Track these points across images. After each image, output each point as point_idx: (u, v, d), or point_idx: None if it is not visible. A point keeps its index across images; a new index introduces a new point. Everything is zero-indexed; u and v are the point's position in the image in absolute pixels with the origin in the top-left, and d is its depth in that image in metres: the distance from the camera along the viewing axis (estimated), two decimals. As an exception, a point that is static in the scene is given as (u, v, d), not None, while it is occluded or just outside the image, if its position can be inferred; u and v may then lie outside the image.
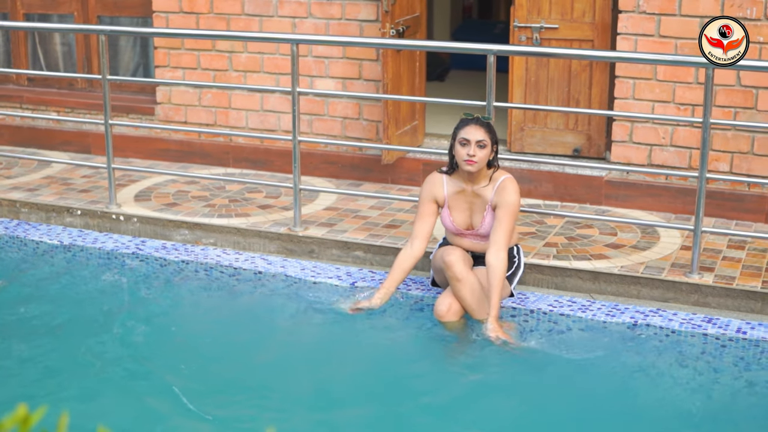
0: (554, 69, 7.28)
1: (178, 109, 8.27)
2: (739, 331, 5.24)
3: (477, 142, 5.30)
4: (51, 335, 5.25)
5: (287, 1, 7.69)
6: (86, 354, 5.00)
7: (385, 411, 4.63)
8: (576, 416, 4.65)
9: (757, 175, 6.70)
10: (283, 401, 4.65)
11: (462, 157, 5.34)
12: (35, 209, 7.16)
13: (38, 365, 4.89)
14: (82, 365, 4.89)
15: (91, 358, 4.96)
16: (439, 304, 5.35)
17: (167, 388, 4.66)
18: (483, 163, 5.34)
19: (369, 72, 7.57)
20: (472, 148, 5.29)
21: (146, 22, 8.40)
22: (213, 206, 7.09)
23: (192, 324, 5.65)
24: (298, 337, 5.36)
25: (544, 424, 4.61)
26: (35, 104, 8.79)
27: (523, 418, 4.65)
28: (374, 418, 4.57)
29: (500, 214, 5.33)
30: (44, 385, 4.69)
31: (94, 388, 4.69)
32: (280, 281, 6.03)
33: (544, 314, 5.49)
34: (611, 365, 5.09)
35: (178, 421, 4.37)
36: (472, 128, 5.33)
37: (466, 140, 5.32)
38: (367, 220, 6.77)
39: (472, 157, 5.29)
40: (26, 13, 8.86)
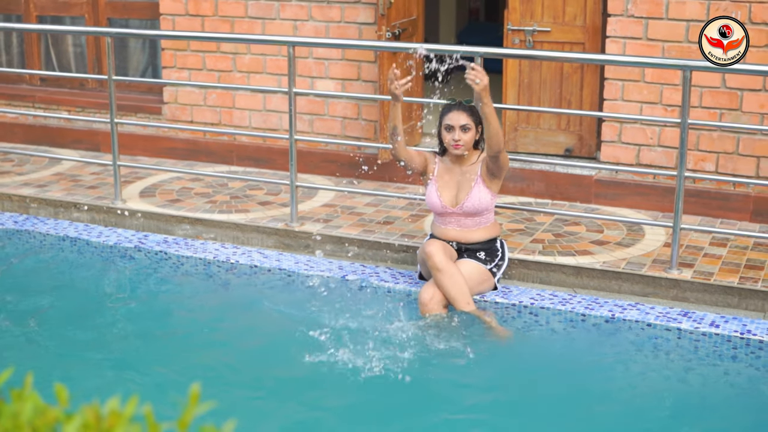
0: (547, 71, 7.48)
1: (184, 109, 8.53)
2: (712, 324, 5.43)
3: (461, 126, 5.59)
4: (50, 320, 5.52)
5: (289, 5, 7.92)
6: (82, 336, 5.28)
7: (371, 394, 4.84)
8: (550, 401, 4.85)
9: (742, 175, 6.88)
10: (269, 384, 4.88)
11: (449, 142, 5.62)
12: (44, 204, 7.42)
13: (38, 345, 5.17)
14: (78, 345, 5.18)
15: (86, 339, 5.24)
16: (422, 294, 5.57)
17: (156, 368, 4.93)
18: (469, 146, 5.65)
19: (367, 73, 7.80)
20: (457, 132, 5.57)
21: (154, 24, 8.66)
22: (214, 202, 7.33)
23: (182, 311, 5.91)
24: (287, 326, 5.58)
25: (520, 408, 4.81)
26: (47, 103, 9.06)
27: (499, 401, 4.86)
28: (361, 399, 4.79)
29: (498, 162, 5.57)
30: (43, 359, 5.00)
31: (92, 365, 4.96)
32: (274, 274, 6.26)
33: (525, 307, 5.70)
34: (587, 355, 5.30)
35: (163, 395, 4.60)
36: (455, 114, 5.60)
37: (450, 126, 5.59)
38: (362, 217, 7.00)
39: (457, 142, 5.60)
40: (39, 15, 9.14)
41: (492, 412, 4.77)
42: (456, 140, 5.60)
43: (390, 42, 7.17)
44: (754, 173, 6.87)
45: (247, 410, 4.57)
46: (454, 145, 5.62)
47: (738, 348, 5.30)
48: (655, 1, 6.87)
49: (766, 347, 5.26)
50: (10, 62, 9.56)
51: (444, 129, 5.66)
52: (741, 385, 5.12)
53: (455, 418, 4.70)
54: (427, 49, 5.78)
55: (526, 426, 4.66)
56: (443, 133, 5.67)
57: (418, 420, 4.66)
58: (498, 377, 5.08)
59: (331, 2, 7.80)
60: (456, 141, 5.61)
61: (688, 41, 6.83)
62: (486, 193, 5.68)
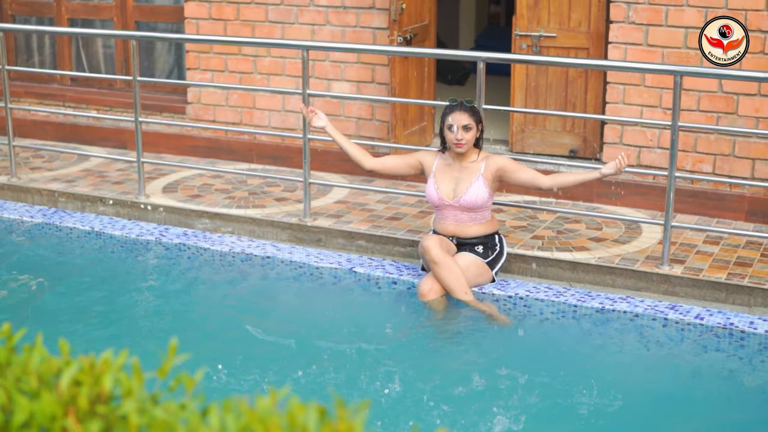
0: (553, 75, 7.78)
1: (207, 109, 8.90)
2: (697, 317, 5.72)
3: (463, 126, 5.93)
4: (76, 306, 5.92)
5: (307, 10, 8.27)
6: (96, 312, 5.73)
7: (369, 370, 5.17)
8: (538, 383, 5.16)
9: (738, 176, 7.15)
10: (273, 358, 5.24)
11: (451, 141, 5.97)
12: (72, 198, 7.81)
13: (53, 318, 5.62)
14: (91, 321, 5.63)
15: (100, 314, 5.69)
16: (421, 285, 5.91)
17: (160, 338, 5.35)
18: (471, 144, 6.01)
19: (381, 76, 8.13)
20: (459, 132, 5.90)
21: (179, 27, 9.04)
22: (233, 198, 7.69)
23: (198, 297, 6.29)
24: (294, 311, 5.95)
25: (515, 392, 5.12)
26: (77, 103, 9.47)
27: (494, 384, 5.17)
28: (360, 375, 5.11)
29: (510, 168, 6.01)
30: (57, 328, 5.46)
31: (103, 336, 5.39)
32: (286, 265, 6.61)
33: (521, 299, 6.01)
34: (576, 343, 5.62)
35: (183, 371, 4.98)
36: (457, 114, 5.94)
37: (452, 125, 5.94)
38: (372, 213, 7.33)
39: (460, 141, 5.95)
40: (70, 18, 9.55)
41: (481, 392, 5.08)
42: (459, 139, 5.93)
43: (400, 47, 7.50)
44: (749, 174, 7.14)
45: (250, 378, 4.94)
46: (457, 144, 5.96)
47: (721, 339, 5.59)
48: (655, 8, 7.16)
49: (747, 338, 5.54)
50: (42, 63, 9.98)
51: (446, 128, 5.99)
52: (722, 373, 5.40)
53: (446, 394, 5.02)
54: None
55: (513, 406, 4.97)
56: (446, 132, 6.01)
57: (410, 393, 4.99)
58: (489, 360, 5.40)
59: (347, 8, 8.14)
60: (458, 140, 5.94)
61: (687, 47, 7.11)
62: (485, 191, 6.00)
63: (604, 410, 4.93)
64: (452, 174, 6.10)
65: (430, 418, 4.70)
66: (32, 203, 7.92)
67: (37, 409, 1.94)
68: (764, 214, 7.10)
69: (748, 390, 5.28)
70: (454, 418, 4.74)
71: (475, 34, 12.74)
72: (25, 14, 9.85)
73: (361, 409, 1.91)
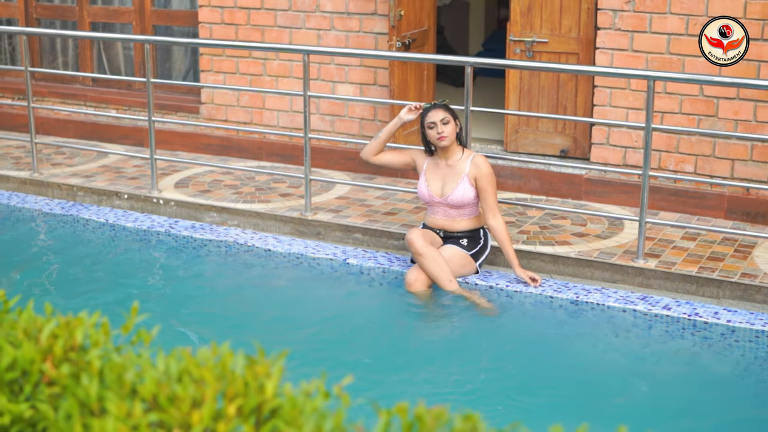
0: (545, 79, 8.17)
1: (220, 109, 9.36)
2: (665, 307, 6.11)
3: (441, 120, 6.40)
4: (89, 291, 6.42)
5: (313, 16, 8.71)
6: (116, 300, 6.21)
7: (366, 358, 5.61)
8: (514, 366, 5.58)
9: (718, 176, 7.51)
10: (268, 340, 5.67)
11: (434, 137, 6.41)
12: (89, 193, 8.29)
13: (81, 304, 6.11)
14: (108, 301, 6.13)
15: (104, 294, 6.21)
16: (407, 275, 6.35)
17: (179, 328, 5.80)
18: (453, 137, 6.44)
19: (383, 79, 8.55)
20: (439, 126, 6.33)
21: (194, 31, 9.50)
22: (240, 193, 8.14)
23: (199, 281, 6.79)
24: (289, 297, 6.41)
25: (492, 375, 5.54)
26: (97, 102, 9.96)
27: (473, 366, 5.59)
28: (354, 361, 5.55)
29: (482, 185, 6.41)
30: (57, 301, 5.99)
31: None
32: (285, 256, 7.05)
33: (501, 289, 6.42)
34: (550, 330, 6.02)
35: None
36: (433, 112, 6.42)
37: (432, 123, 6.41)
38: (370, 208, 7.75)
39: (441, 134, 6.38)
40: (92, 22, 10.05)
41: (457, 370, 5.51)
42: (440, 133, 6.38)
43: (393, 51, 7.94)
44: (729, 174, 7.50)
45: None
46: (439, 137, 6.39)
47: (686, 328, 5.97)
48: (640, 16, 7.53)
49: (710, 327, 5.92)
50: (65, 64, 10.49)
51: (427, 128, 6.43)
52: (685, 359, 5.78)
53: (425, 372, 5.44)
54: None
55: (490, 387, 5.39)
56: (428, 133, 6.44)
57: (401, 369, 5.42)
58: (466, 342, 5.82)
59: (351, 14, 8.57)
60: (440, 134, 6.38)
61: (669, 53, 7.48)
62: (470, 190, 6.42)
63: (572, 389, 5.33)
64: (440, 173, 6.52)
65: (410, 393, 5.11)
66: (52, 197, 8.41)
67: (20, 355, 2.38)
68: (742, 212, 7.46)
69: (708, 373, 5.67)
70: (432, 393, 5.15)
71: (484, 38, 13.13)
72: (49, 18, 10.36)
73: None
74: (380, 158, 6.82)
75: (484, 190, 6.41)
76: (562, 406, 5.20)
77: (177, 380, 2.25)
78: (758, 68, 7.24)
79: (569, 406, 5.19)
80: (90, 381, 2.25)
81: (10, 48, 10.83)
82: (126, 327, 2.56)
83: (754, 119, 7.35)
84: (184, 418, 2.13)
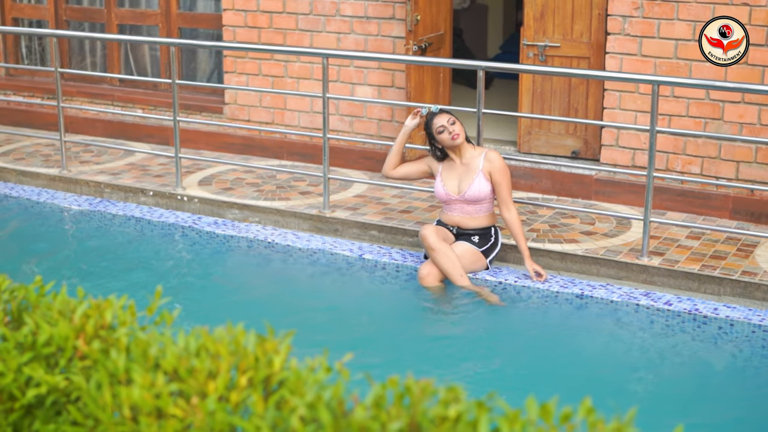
0: (557, 82, 8.43)
1: (242, 109, 9.67)
2: (666, 303, 6.36)
3: (448, 122, 6.73)
4: (117, 279, 6.83)
5: (333, 20, 9.00)
6: (141, 285, 6.54)
7: (377, 345, 5.89)
8: (523, 357, 5.86)
9: (724, 177, 7.74)
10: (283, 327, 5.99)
11: (447, 139, 6.74)
12: (116, 189, 8.61)
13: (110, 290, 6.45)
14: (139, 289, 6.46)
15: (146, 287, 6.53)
16: (420, 270, 6.64)
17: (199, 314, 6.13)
18: (464, 134, 6.76)
19: (400, 81, 8.83)
20: (449, 128, 6.62)
21: (218, 33, 9.81)
22: (262, 191, 8.44)
23: (223, 274, 7.14)
24: (306, 288, 6.73)
25: (498, 362, 5.82)
26: (124, 102, 10.29)
27: (480, 354, 5.88)
28: (365, 347, 5.83)
29: (497, 178, 6.71)
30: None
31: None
32: (303, 252, 7.35)
33: (510, 285, 6.69)
34: (556, 323, 6.30)
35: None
36: (438, 118, 6.79)
37: (441, 127, 6.73)
38: (386, 206, 8.03)
39: (453, 133, 6.67)
40: (119, 24, 10.38)
41: (466, 357, 5.79)
42: (451, 132, 6.66)
43: (414, 56, 8.21)
44: (734, 176, 7.74)
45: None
46: (453, 136, 6.68)
47: (686, 322, 6.22)
48: (648, 21, 7.78)
49: (709, 322, 6.18)
50: (93, 65, 10.83)
51: (437, 134, 6.71)
52: (685, 352, 6.03)
53: (445, 359, 5.72)
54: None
55: (497, 374, 5.66)
56: (439, 138, 6.73)
57: (414, 359, 5.70)
58: (475, 333, 6.12)
59: (370, 18, 8.85)
60: (452, 133, 6.66)
61: (677, 58, 7.72)
62: (486, 185, 6.70)
63: (573, 377, 5.60)
64: (456, 172, 6.80)
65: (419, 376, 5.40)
66: (80, 193, 8.74)
67: (55, 333, 2.67)
68: (747, 212, 7.69)
69: (705, 364, 5.92)
70: (441, 378, 5.42)
71: (502, 41, 13.39)
72: (78, 20, 10.71)
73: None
74: (398, 172, 7.10)
75: (498, 184, 6.68)
76: (563, 392, 5.43)
77: (195, 355, 2.53)
78: (762, 73, 7.47)
79: (570, 393, 5.43)
80: (118, 355, 2.54)
81: (40, 49, 11.17)
82: (150, 309, 2.85)
83: (758, 122, 7.58)
84: (201, 387, 2.41)
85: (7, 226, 8.12)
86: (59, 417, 2.61)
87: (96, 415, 2.42)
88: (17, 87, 10.85)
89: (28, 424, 2.65)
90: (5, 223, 8.16)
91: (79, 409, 2.51)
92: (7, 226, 8.10)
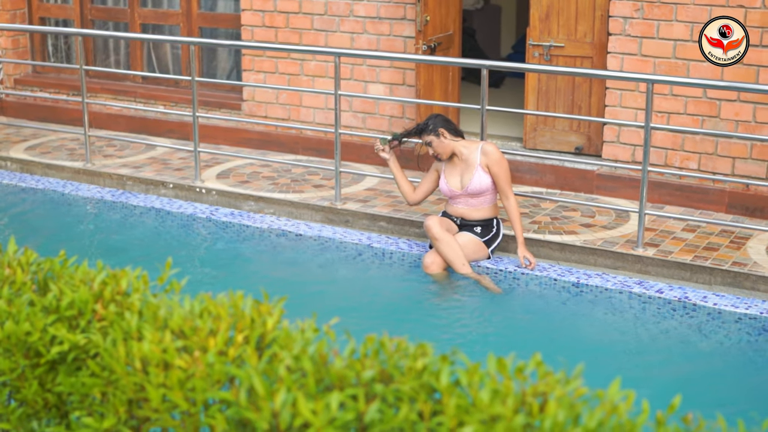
0: (561, 80, 8.74)
1: (260, 106, 10.04)
2: (658, 291, 6.67)
3: (426, 145, 7.18)
4: (135, 258, 7.27)
5: (347, 20, 9.35)
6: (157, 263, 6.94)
7: (380, 325, 6.20)
8: (519, 339, 6.20)
9: (720, 173, 8.04)
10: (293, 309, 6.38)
11: (434, 155, 7.17)
12: (137, 182, 8.99)
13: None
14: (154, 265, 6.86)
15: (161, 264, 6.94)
16: (425, 258, 7.00)
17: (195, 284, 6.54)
18: (446, 147, 7.10)
19: (411, 79, 9.17)
20: (430, 150, 7.16)
21: (237, 33, 10.18)
22: (277, 184, 8.80)
23: (237, 259, 7.56)
24: (317, 274, 7.11)
25: (496, 345, 6.12)
26: (146, 98, 10.68)
27: (482, 339, 6.21)
28: (371, 328, 6.17)
29: (495, 170, 7.04)
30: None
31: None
32: (315, 240, 7.72)
33: (509, 272, 7.02)
34: (553, 309, 6.63)
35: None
36: (417, 146, 7.35)
37: (428, 144, 7.20)
38: (396, 199, 8.38)
39: (435, 155, 7.12)
40: (142, 23, 10.77)
41: (466, 343, 6.12)
42: (434, 155, 7.18)
43: (423, 55, 8.55)
44: (730, 171, 8.03)
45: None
46: (436, 156, 7.16)
47: (676, 309, 6.54)
48: (648, 22, 8.08)
49: (698, 309, 6.49)
50: (117, 63, 11.23)
51: (426, 146, 7.21)
52: (674, 336, 6.35)
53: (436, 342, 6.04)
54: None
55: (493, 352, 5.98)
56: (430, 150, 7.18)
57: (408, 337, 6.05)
58: (475, 317, 6.46)
59: (382, 18, 9.20)
60: (435, 155, 7.18)
61: (675, 57, 8.03)
62: (486, 177, 7.04)
63: (569, 360, 5.90)
64: (457, 168, 7.13)
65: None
66: (103, 186, 9.13)
67: (77, 297, 3.03)
68: (742, 206, 7.99)
69: (692, 347, 6.23)
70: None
71: (515, 41, 13.69)
72: (102, 19, 11.11)
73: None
74: (419, 194, 7.47)
75: (496, 175, 7.00)
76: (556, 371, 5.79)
77: (198, 316, 2.88)
78: (757, 72, 7.76)
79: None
80: (131, 317, 2.89)
81: (66, 47, 11.58)
82: (161, 278, 3.20)
83: (753, 120, 7.87)
84: (203, 343, 2.76)
85: (33, 215, 8.54)
86: (79, 372, 2.97)
87: (111, 368, 2.77)
88: (44, 84, 11.28)
89: (51, 378, 3.01)
90: (32, 213, 8.59)
91: (97, 364, 2.87)
92: (33, 216, 8.52)
